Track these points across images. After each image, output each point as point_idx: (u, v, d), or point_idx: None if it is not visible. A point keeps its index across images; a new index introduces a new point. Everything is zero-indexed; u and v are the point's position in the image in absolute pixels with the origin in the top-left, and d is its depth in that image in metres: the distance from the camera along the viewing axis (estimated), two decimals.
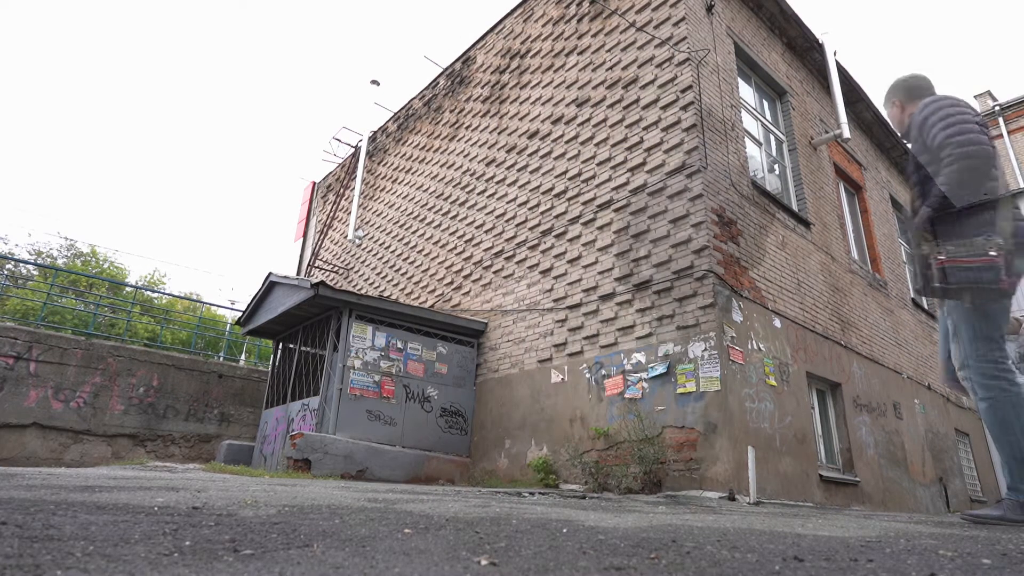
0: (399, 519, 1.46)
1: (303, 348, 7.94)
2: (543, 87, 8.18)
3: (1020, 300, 10.45)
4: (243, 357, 15.83)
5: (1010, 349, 4.82)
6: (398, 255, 10.37)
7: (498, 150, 8.68)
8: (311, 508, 1.61)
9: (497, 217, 8.26)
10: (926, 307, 10.33)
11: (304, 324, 7.94)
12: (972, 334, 2.27)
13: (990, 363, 2.26)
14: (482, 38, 9.89)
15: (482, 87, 9.49)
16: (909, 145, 2.62)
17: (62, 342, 8.69)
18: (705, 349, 5.28)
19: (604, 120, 7.04)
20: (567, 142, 7.49)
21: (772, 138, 7.87)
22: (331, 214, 13.15)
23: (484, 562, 0.95)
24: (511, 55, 9.06)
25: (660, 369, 5.54)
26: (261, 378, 10.40)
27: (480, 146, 9.12)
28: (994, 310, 2.27)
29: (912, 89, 2.66)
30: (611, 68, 7.17)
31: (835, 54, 8.53)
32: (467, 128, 9.59)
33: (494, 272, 8.02)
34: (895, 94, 2.69)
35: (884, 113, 2.79)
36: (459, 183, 9.32)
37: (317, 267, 12.46)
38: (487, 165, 8.81)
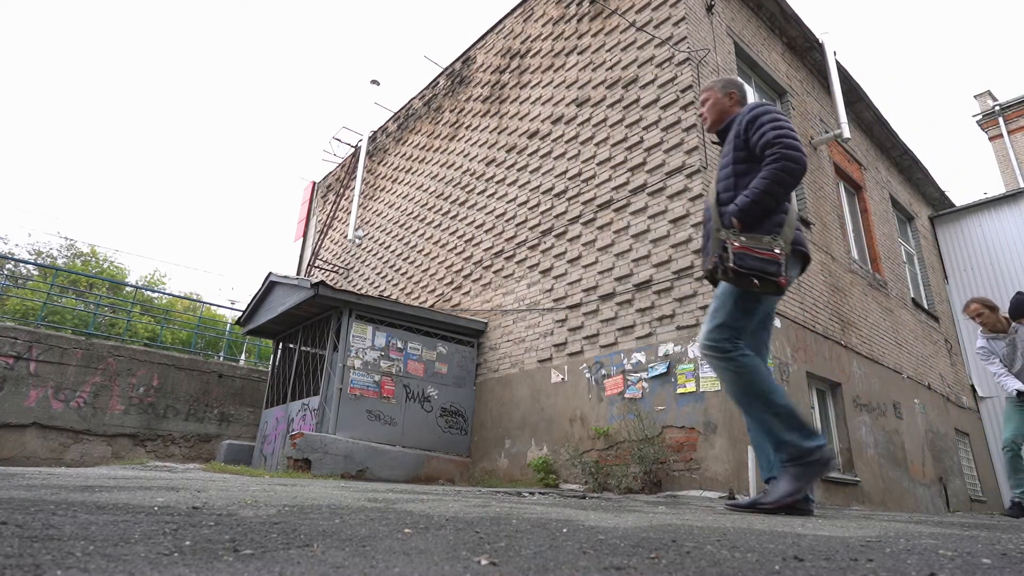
0: (399, 519, 1.46)
1: (303, 348, 7.94)
2: (543, 87, 8.18)
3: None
4: (243, 357, 15.83)
5: (998, 347, 4.72)
6: (398, 255, 10.37)
7: (498, 150, 8.68)
8: (311, 508, 1.61)
9: (497, 217, 8.26)
10: (926, 307, 10.33)
11: (304, 324, 7.94)
12: (724, 319, 2.41)
13: (730, 342, 2.40)
14: (482, 38, 9.89)
15: (482, 87, 9.49)
16: (712, 137, 2.76)
17: (62, 342, 8.69)
18: None
19: (604, 120, 7.04)
20: (567, 142, 7.49)
21: None
22: (331, 214, 13.15)
23: (484, 562, 0.95)
24: (511, 55, 9.06)
25: (660, 369, 5.54)
26: (261, 378, 10.40)
27: (480, 146, 9.12)
28: (756, 308, 2.43)
29: (743, 90, 2.82)
30: (611, 68, 7.17)
31: (835, 54, 8.53)
32: (467, 128, 9.59)
33: (494, 272, 8.02)
34: (734, 87, 2.80)
35: (710, 96, 2.86)
36: (459, 183, 9.32)
37: (317, 267, 12.46)
38: (487, 165, 8.81)
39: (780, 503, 2.28)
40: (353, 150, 13.15)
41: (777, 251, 2.29)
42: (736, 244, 2.30)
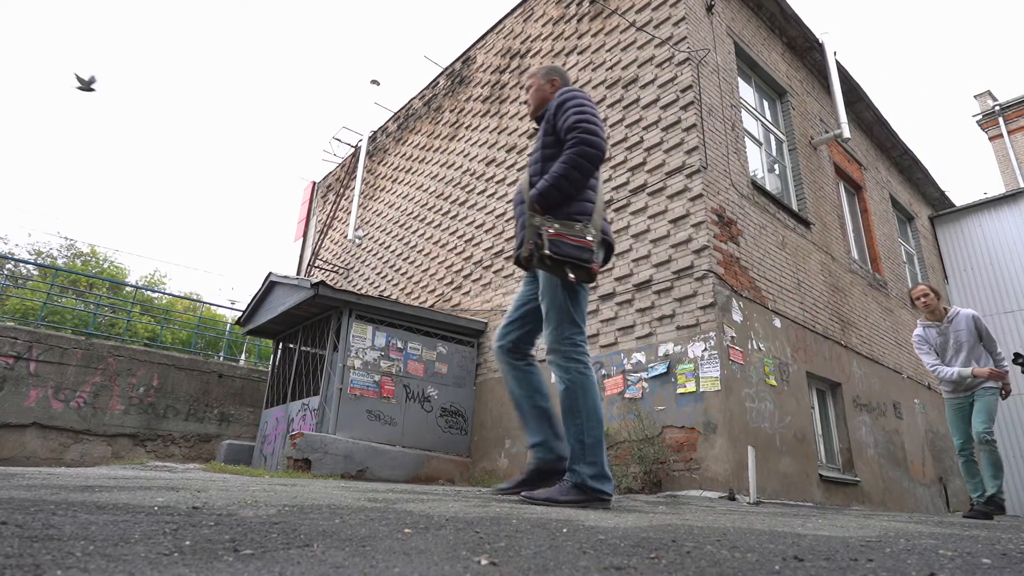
0: (399, 519, 1.46)
1: (303, 348, 7.94)
2: None
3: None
4: (243, 357, 15.82)
5: (931, 335, 4.55)
6: (398, 255, 10.37)
7: (498, 150, 8.68)
8: (311, 508, 1.61)
9: (497, 217, 8.26)
10: None
11: (304, 324, 7.94)
12: (561, 318, 2.39)
13: (573, 346, 2.39)
14: (482, 38, 9.88)
15: (482, 87, 9.49)
16: (536, 124, 2.78)
17: (62, 342, 8.69)
18: (705, 349, 5.28)
19: (604, 120, 7.04)
20: None
21: (772, 138, 7.86)
22: (331, 214, 13.15)
23: (484, 562, 0.95)
24: (511, 55, 9.06)
25: (660, 369, 5.54)
26: (261, 378, 10.39)
27: (480, 146, 9.12)
28: (582, 296, 2.43)
29: (564, 77, 2.82)
30: (611, 68, 7.16)
31: (835, 54, 8.53)
32: (467, 128, 9.59)
33: (494, 272, 8.02)
34: (556, 74, 2.81)
35: (534, 83, 2.88)
36: (459, 183, 9.32)
37: (317, 267, 12.45)
38: (487, 165, 8.81)
39: (537, 501, 2.27)
40: (353, 150, 13.15)
41: (589, 238, 2.29)
42: (551, 231, 2.28)
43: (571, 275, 2.28)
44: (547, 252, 2.24)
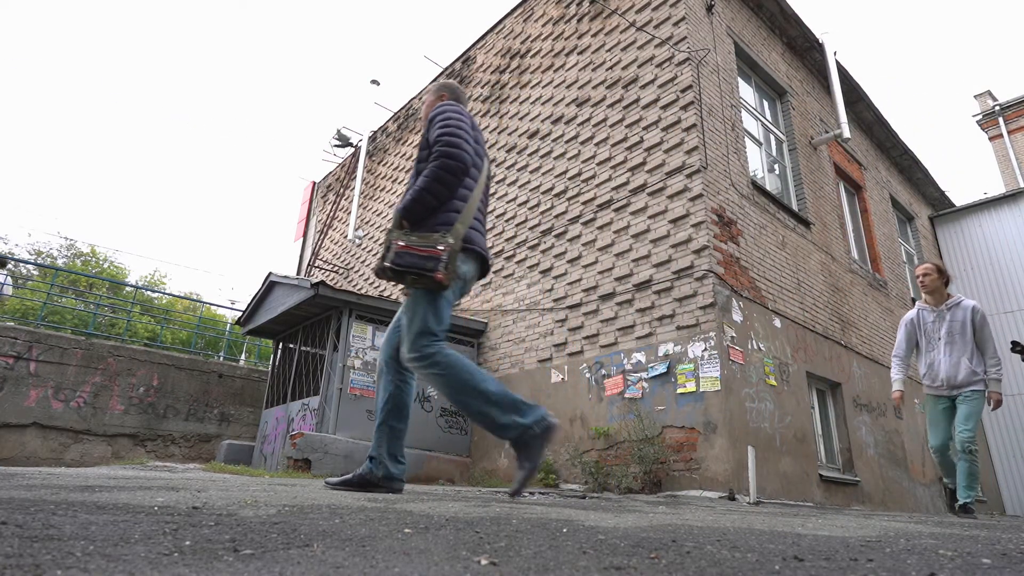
0: (399, 519, 1.46)
1: (303, 348, 7.94)
2: (543, 87, 8.18)
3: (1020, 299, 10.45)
4: (243, 357, 15.82)
5: (923, 318, 4.23)
6: None
7: (498, 150, 8.68)
8: (311, 508, 1.61)
9: (497, 217, 8.26)
10: None
11: (304, 324, 7.94)
12: (420, 327, 2.45)
13: (426, 347, 2.43)
14: (482, 38, 9.89)
15: (482, 87, 9.49)
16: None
17: (62, 342, 8.69)
18: (705, 349, 5.28)
19: (604, 120, 7.04)
20: (567, 142, 7.49)
21: (772, 138, 7.86)
22: (331, 214, 13.15)
23: (484, 562, 0.95)
24: (511, 55, 9.06)
25: (660, 369, 5.54)
26: (261, 378, 10.39)
27: None
28: (442, 304, 2.48)
29: (453, 92, 2.90)
30: (611, 68, 7.16)
31: (835, 54, 8.53)
32: None
33: (494, 272, 8.02)
34: (446, 89, 2.91)
35: (428, 98, 2.97)
36: None
37: (317, 267, 12.45)
38: None
39: (524, 483, 2.38)
40: (353, 150, 13.15)
41: (440, 248, 2.34)
42: (400, 243, 2.35)
43: (412, 286, 2.38)
44: (387, 264, 2.34)
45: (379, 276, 2.43)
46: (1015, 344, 4.28)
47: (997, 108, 15.66)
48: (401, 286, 2.58)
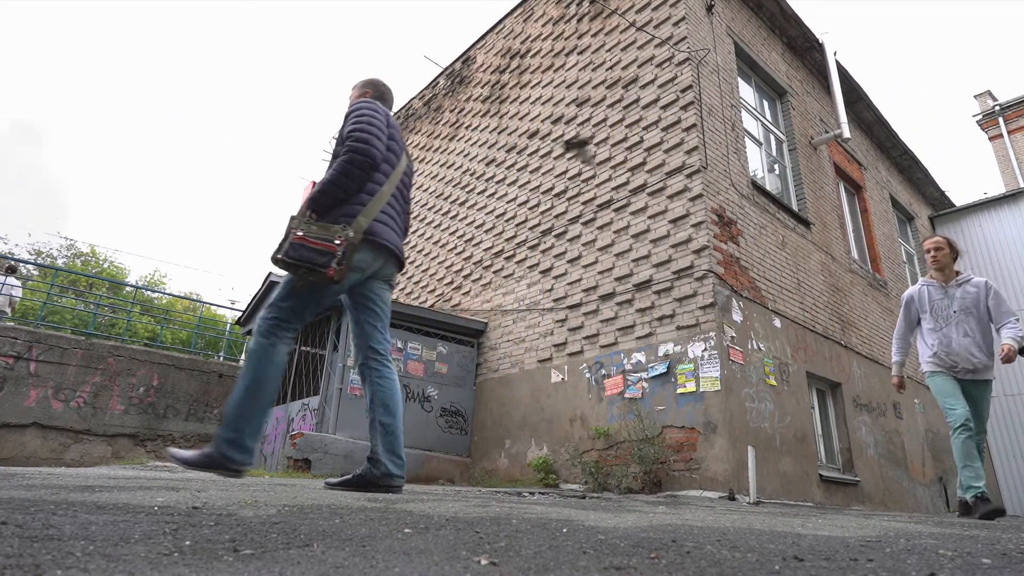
0: (399, 519, 1.46)
1: (303, 348, 7.94)
2: (543, 87, 8.18)
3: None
4: (243, 357, 15.81)
5: (929, 294, 3.90)
6: None
7: (498, 150, 8.68)
8: (311, 508, 1.61)
9: (497, 217, 8.26)
10: None
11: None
12: (273, 301, 2.51)
13: (272, 323, 2.48)
14: (482, 38, 9.89)
15: (482, 87, 9.49)
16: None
17: (62, 342, 8.69)
18: (705, 349, 5.28)
19: (604, 120, 7.04)
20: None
21: (772, 138, 7.86)
22: None
23: (484, 562, 0.95)
24: (511, 55, 9.06)
25: (660, 369, 5.54)
26: None
27: (480, 146, 9.12)
28: (318, 295, 2.53)
29: (377, 89, 2.96)
30: (611, 68, 7.16)
31: (835, 54, 8.53)
32: (467, 128, 9.59)
33: (494, 272, 8.02)
34: (370, 86, 2.97)
35: (352, 94, 3.00)
36: (459, 183, 9.32)
37: None
38: (487, 165, 8.81)
39: (189, 462, 2.32)
40: None
41: (337, 242, 2.38)
42: (299, 234, 2.40)
43: (303, 279, 2.42)
44: (279, 256, 2.39)
45: (274, 264, 2.48)
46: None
47: (997, 108, 15.65)
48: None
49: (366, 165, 2.52)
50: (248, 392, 2.43)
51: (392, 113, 2.96)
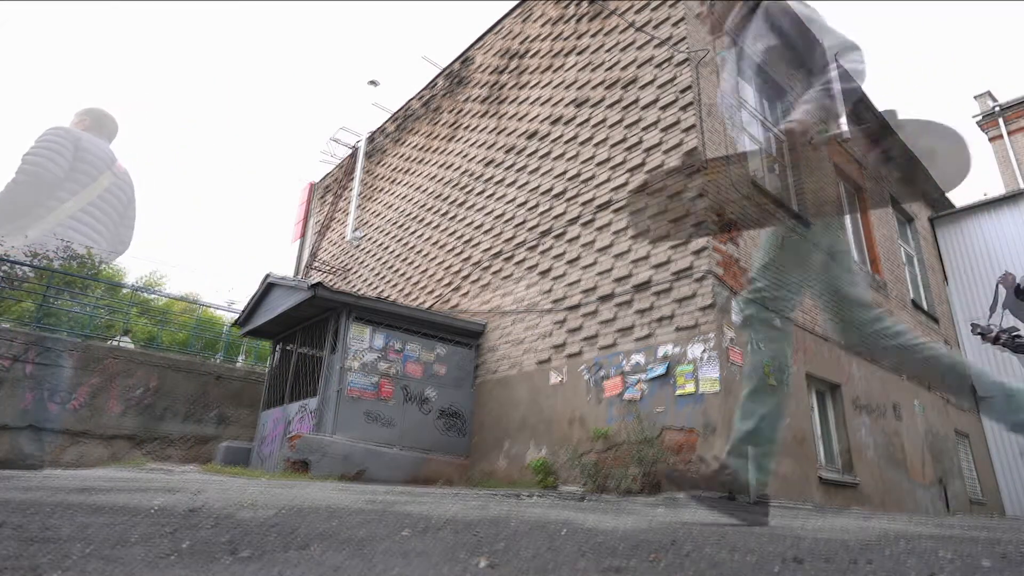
0: (398, 520, 1.45)
1: (301, 349, 7.93)
2: (542, 87, 8.18)
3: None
4: (241, 358, 15.78)
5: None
6: (396, 256, 10.36)
7: (497, 150, 8.68)
8: (309, 509, 1.61)
9: (496, 218, 8.26)
10: (926, 309, 10.34)
11: (302, 325, 7.93)
12: None
13: None
14: (481, 38, 9.89)
15: (481, 87, 9.49)
16: None
17: (59, 344, 8.67)
18: (704, 350, 5.28)
19: (603, 120, 7.05)
20: (566, 142, 7.49)
21: (772, 138, 7.87)
22: (329, 215, 13.15)
23: (483, 563, 0.94)
24: (510, 55, 9.06)
25: (659, 370, 5.53)
26: (259, 379, 10.37)
27: (479, 146, 9.12)
28: None
29: (96, 120, 3.03)
30: (610, 68, 7.17)
31: (835, 54, 8.52)
32: (466, 128, 9.59)
33: (493, 273, 8.01)
34: (88, 115, 3.06)
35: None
36: (457, 184, 9.32)
37: (315, 268, 12.44)
38: (486, 166, 8.81)
39: None
40: (351, 151, 13.15)
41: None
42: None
43: None
44: None
45: None
46: (975, 326, 4.28)
47: (997, 109, 15.67)
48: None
49: (27, 180, 2.56)
50: None
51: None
